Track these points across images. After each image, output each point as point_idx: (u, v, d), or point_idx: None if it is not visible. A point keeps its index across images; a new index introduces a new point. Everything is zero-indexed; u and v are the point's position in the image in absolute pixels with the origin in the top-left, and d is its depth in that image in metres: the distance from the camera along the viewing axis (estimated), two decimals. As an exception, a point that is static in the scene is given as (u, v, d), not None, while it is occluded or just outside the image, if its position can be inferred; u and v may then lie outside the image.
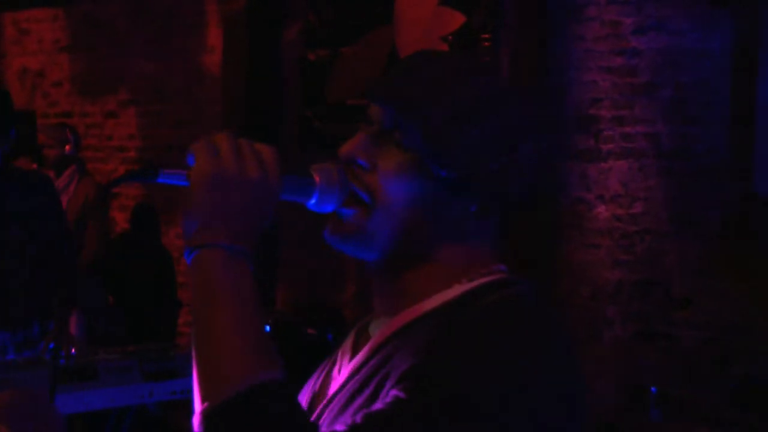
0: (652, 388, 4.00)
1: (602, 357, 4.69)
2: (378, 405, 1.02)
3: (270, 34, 5.75)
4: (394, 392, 1.01)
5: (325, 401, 1.17)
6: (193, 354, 1.03)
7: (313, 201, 1.17)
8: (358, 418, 1.00)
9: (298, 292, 5.76)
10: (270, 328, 4.96)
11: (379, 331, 1.17)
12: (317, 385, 1.24)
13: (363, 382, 1.11)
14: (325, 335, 4.69)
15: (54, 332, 3.22)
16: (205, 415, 0.97)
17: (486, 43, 4.94)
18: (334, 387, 1.18)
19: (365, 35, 5.40)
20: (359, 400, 1.09)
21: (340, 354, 1.24)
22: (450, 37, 5.01)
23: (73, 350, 4.42)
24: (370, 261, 1.20)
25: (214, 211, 1.07)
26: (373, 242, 1.16)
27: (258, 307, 1.05)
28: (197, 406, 0.99)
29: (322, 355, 1.30)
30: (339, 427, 1.01)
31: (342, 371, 1.19)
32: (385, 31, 5.28)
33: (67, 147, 5.15)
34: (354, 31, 5.45)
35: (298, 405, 1.01)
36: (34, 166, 5.03)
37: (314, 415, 1.17)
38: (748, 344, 4.33)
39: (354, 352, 1.20)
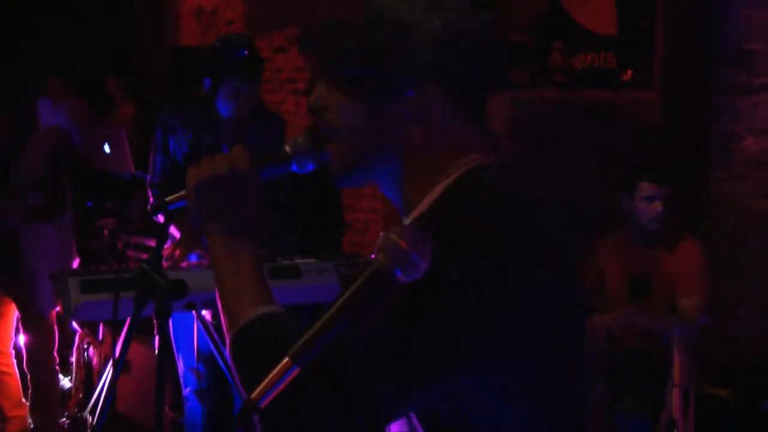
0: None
1: (747, 287, 4.71)
2: None
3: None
4: None
5: None
6: (218, 303, 1.34)
7: (294, 167, 1.38)
8: None
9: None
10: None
11: None
12: None
13: None
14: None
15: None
16: (231, 343, 1.27)
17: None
18: None
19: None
20: None
21: None
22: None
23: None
24: (379, 185, 1.36)
25: (206, 208, 1.36)
26: (360, 167, 1.34)
27: (252, 267, 1.32)
28: (227, 337, 1.30)
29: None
30: None
31: None
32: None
33: None
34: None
35: (290, 328, 1.22)
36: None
37: None
38: None
39: None
